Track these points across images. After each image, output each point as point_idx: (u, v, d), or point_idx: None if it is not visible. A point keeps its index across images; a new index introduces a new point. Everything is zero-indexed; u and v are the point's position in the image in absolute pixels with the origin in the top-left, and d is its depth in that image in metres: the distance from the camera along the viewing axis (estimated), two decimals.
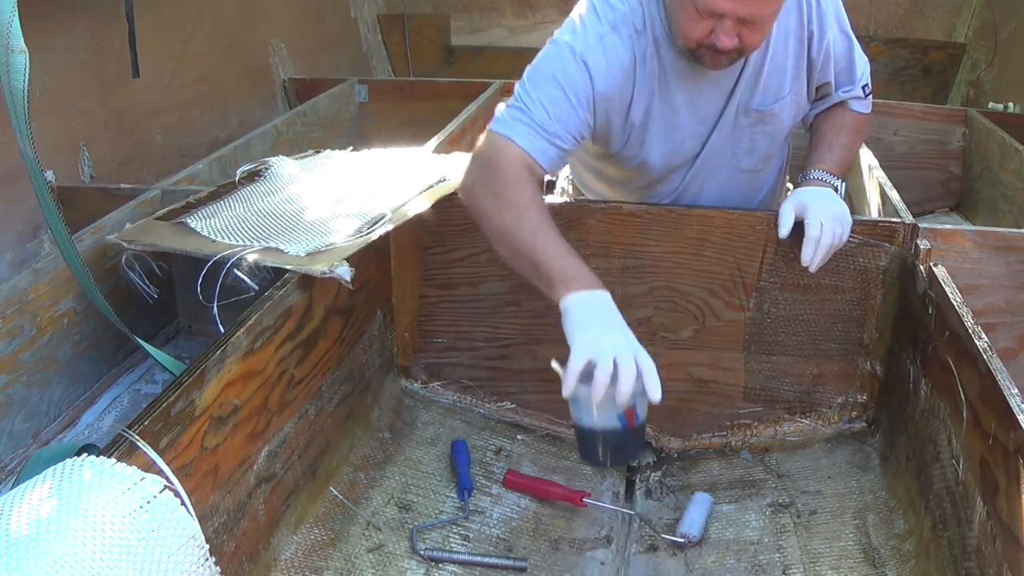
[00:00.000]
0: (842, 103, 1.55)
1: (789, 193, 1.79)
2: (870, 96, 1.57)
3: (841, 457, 1.53)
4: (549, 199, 1.64)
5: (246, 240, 1.36)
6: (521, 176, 1.32)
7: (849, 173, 1.62)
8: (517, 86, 1.39)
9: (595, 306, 1.23)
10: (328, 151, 1.83)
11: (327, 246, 1.33)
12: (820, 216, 1.40)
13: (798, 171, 1.58)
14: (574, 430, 1.26)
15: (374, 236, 1.38)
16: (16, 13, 1.09)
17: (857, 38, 1.57)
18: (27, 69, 1.11)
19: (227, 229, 1.41)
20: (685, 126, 1.46)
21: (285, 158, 1.75)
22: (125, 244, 1.42)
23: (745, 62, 1.42)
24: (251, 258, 1.29)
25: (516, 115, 1.35)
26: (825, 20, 1.46)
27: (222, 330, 1.16)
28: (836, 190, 1.47)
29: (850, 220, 1.42)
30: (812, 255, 1.39)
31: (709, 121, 1.47)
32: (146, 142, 2.28)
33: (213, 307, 1.24)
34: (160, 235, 1.43)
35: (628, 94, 1.40)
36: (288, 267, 1.29)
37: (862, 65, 1.55)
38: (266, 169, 1.68)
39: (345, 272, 1.28)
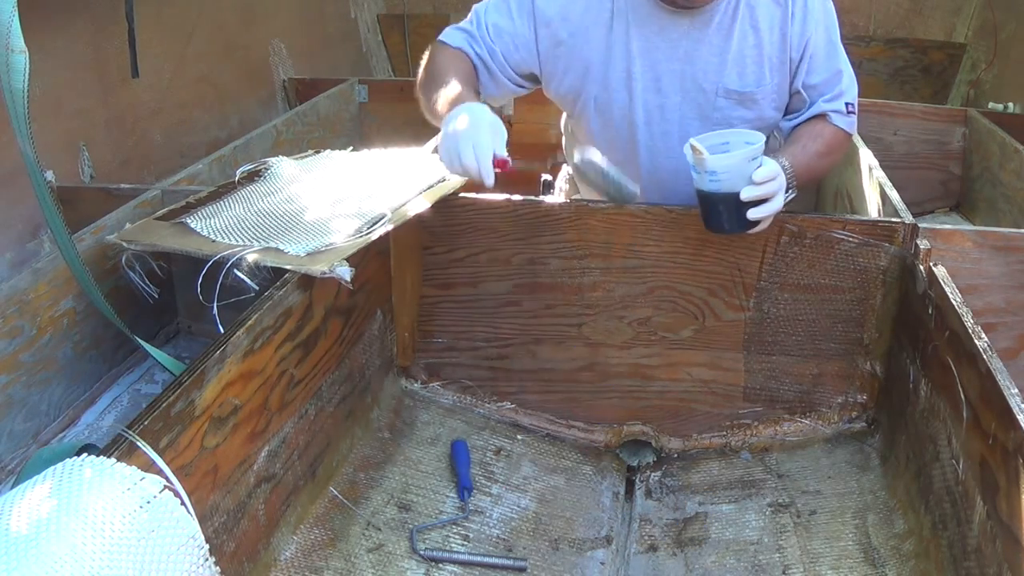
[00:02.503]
0: (823, 115, 1.53)
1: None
2: (853, 116, 1.54)
3: (841, 457, 1.53)
4: (549, 199, 1.64)
5: (246, 240, 1.36)
6: (452, 59, 1.53)
7: (807, 187, 1.56)
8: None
9: (463, 111, 1.35)
10: (328, 151, 1.83)
11: (327, 246, 1.33)
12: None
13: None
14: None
15: (374, 236, 1.38)
16: (16, 13, 1.09)
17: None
18: (27, 69, 1.11)
19: (227, 229, 1.41)
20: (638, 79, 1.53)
21: (285, 158, 1.74)
22: (125, 244, 1.42)
23: (730, 44, 1.48)
24: (251, 258, 1.29)
25: (461, 28, 1.58)
26: (808, 21, 1.48)
27: (222, 330, 1.16)
28: (787, 186, 1.42)
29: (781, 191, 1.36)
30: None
31: (668, 86, 1.53)
32: (146, 142, 2.28)
33: (213, 307, 1.24)
34: (160, 235, 1.43)
35: (578, 24, 1.51)
36: (288, 267, 1.29)
37: (848, 82, 1.54)
38: (266, 169, 1.68)
39: (345, 272, 1.29)
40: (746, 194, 1.32)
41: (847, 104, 1.52)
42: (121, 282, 1.51)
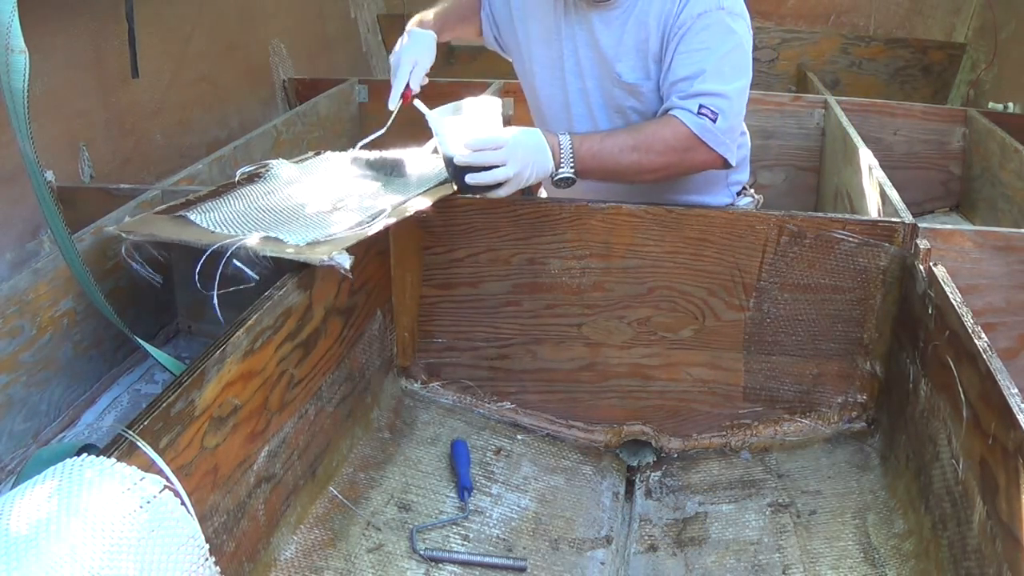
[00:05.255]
0: (671, 111, 1.46)
1: (751, 198, 1.78)
2: (707, 120, 1.42)
3: (841, 457, 1.53)
4: (549, 199, 1.64)
5: (246, 231, 1.35)
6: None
7: (607, 176, 1.50)
8: None
9: (411, 35, 1.63)
10: (327, 153, 1.82)
11: (327, 236, 1.33)
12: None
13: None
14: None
15: (375, 228, 1.37)
16: (16, 13, 1.09)
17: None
18: (27, 69, 1.11)
19: (227, 221, 1.40)
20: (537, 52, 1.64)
21: (285, 161, 1.74)
22: (124, 235, 1.42)
23: (623, 37, 1.51)
24: (250, 244, 1.28)
25: None
26: (683, 15, 1.45)
27: (222, 320, 1.16)
28: (557, 159, 1.43)
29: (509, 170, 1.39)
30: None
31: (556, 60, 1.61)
32: (146, 142, 2.27)
33: (213, 296, 1.23)
34: (159, 227, 1.43)
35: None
36: (287, 255, 1.28)
37: (713, 88, 1.43)
38: (266, 171, 1.68)
39: (344, 260, 1.26)
40: (458, 159, 1.38)
41: (702, 106, 1.43)
42: (121, 282, 1.51)
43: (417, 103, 1.48)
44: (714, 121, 1.43)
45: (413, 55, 1.59)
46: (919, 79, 3.53)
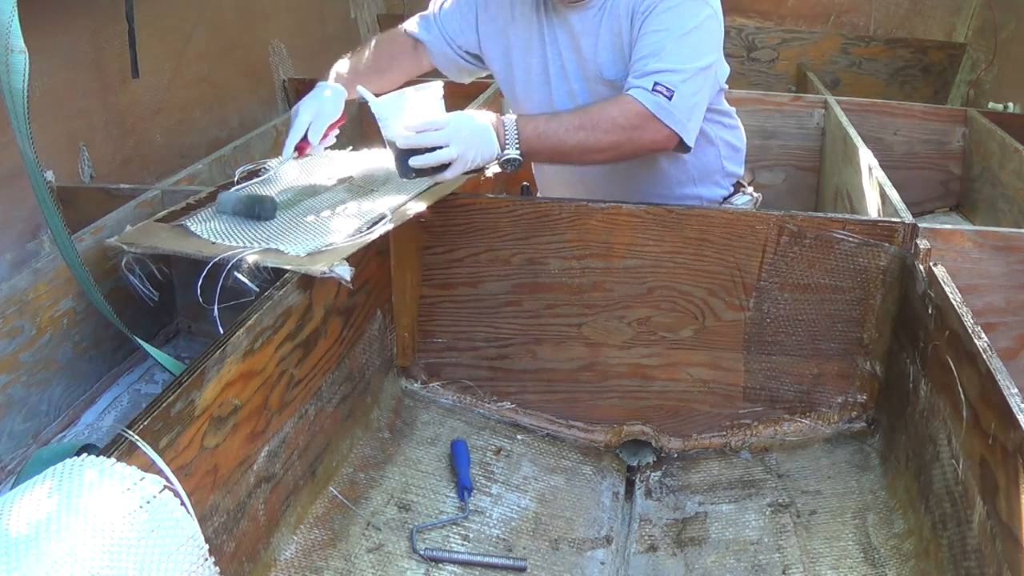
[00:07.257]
0: (625, 92, 1.45)
1: (747, 194, 1.77)
2: (661, 97, 1.41)
3: (841, 457, 1.53)
4: (549, 199, 1.64)
5: (246, 242, 1.36)
6: (383, 42, 1.76)
7: (554, 157, 1.51)
8: None
9: (318, 88, 1.64)
10: (328, 151, 1.82)
11: (327, 246, 1.33)
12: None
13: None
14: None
15: (374, 236, 1.38)
16: (16, 13, 1.09)
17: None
18: (27, 69, 1.11)
19: (227, 231, 1.41)
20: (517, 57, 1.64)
21: (284, 159, 1.74)
22: (125, 247, 1.42)
23: (600, 34, 1.51)
24: (251, 259, 1.29)
25: (424, 13, 1.74)
26: (642, 13, 1.46)
27: (222, 332, 1.16)
28: (502, 140, 1.42)
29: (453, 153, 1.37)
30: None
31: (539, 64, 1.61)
32: (146, 142, 2.27)
33: (214, 309, 1.24)
34: (160, 238, 1.43)
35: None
36: (288, 267, 1.29)
37: (669, 66, 1.42)
38: (265, 170, 1.68)
39: (345, 272, 1.29)
40: (401, 142, 1.37)
41: (657, 84, 1.41)
42: (121, 282, 1.51)
43: (360, 89, 1.47)
44: (669, 98, 1.41)
45: (313, 108, 1.57)
46: (919, 79, 3.53)
